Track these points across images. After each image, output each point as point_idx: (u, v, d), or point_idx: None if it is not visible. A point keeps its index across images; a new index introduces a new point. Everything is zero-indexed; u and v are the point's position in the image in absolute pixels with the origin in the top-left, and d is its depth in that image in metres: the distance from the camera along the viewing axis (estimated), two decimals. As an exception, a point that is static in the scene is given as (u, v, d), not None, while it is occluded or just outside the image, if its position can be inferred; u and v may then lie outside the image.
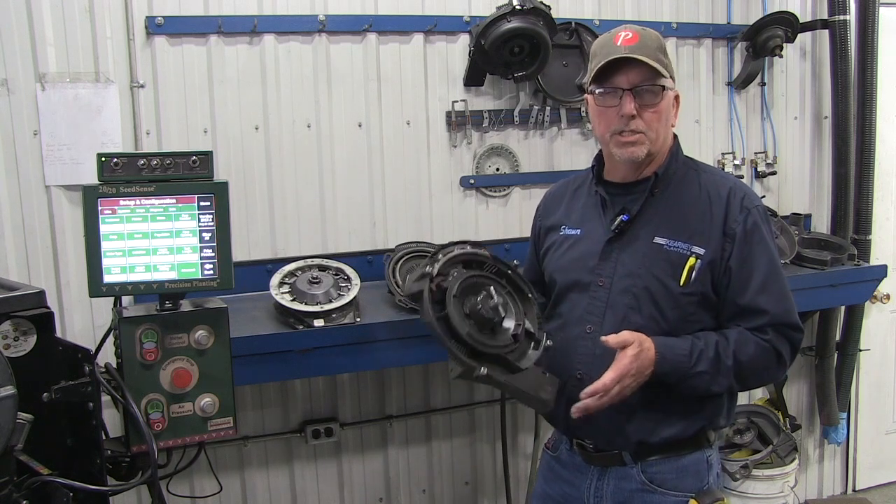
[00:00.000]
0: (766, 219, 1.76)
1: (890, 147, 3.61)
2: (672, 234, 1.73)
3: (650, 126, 1.73)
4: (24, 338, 1.50)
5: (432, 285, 1.62)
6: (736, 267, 1.71)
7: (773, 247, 1.75)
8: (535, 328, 1.70)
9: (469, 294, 1.64)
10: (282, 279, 2.41)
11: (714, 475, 1.80)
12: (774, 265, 1.73)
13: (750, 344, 1.69)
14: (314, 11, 2.66)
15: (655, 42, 1.74)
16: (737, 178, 1.91)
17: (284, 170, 2.69)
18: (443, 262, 1.67)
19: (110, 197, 1.63)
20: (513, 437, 3.11)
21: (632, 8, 3.12)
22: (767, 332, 1.70)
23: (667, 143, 1.80)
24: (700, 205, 1.75)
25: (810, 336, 3.59)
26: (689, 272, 1.70)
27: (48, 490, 1.45)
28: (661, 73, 1.70)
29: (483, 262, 1.73)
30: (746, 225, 1.71)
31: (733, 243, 1.71)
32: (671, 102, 1.76)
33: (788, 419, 3.33)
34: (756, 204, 1.75)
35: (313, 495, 2.87)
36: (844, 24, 3.20)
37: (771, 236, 1.76)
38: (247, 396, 2.71)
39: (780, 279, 1.74)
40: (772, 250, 1.74)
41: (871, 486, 3.86)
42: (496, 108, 2.94)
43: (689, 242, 1.71)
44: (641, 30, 1.75)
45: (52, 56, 2.38)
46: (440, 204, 2.91)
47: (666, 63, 1.73)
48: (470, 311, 1.61)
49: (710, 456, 1.79)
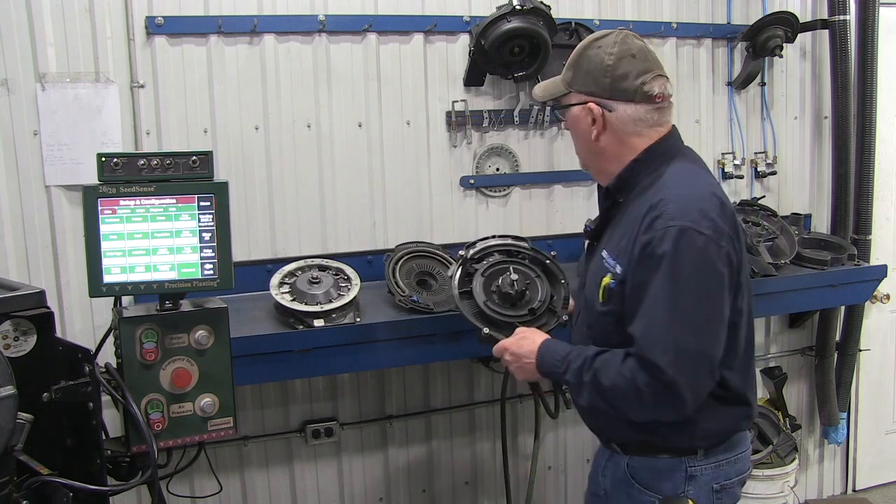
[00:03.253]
0: (680, 241, 1.51)
1: (890, 147, 3.61)
2: (611, 249, 1.68)
3: (573, 142, 1.82)
4: (24, 338, 1.50)
5: (466, 266, 2.03)
6: (629, 292, 1.59)
7: (677, 275, 1.50)
8: (559, 307, 2.01)
9: (498, 275, 1.99)
10: (282, 279, 2.41)
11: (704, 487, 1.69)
12: (666, 293, 1.51)
13: (613, 369, 1.56)
14: (314, 11, 2.66)
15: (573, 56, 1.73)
16: (682, 191, 1.59)
17: (284, 170, 2.69)
18: (478, 248, 2.08)
19: (110, 197, 1.63)
20: (513, 437, 3.11)
21: (632, 8, 3.12)
22: (631, 362, 1.54)
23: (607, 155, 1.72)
24: (631, 221, 1.64)
25: (810, 336, 3.60)
26: (604, 291, 1.65)
27: (48, 490, 1.45)
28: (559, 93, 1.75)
29: (521, 251, 2.10)
30: (645, 248, 1.55)
31: (632, 266, 1.58)
32: (576, 117, 1.72)
33: (788, 419, 3.33)
34: (671, 224, 1.52)
35: (313, 495, 2.88)
36: (844, 24, 3.20)
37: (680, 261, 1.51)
38: (247, 396, 2.71)
39: (662, 309, 1.51)
40: (670, 278, 1.50)
41: (871, 486, 3.86)
42: (496, 108, 2.94)
43: (616, 260, 1.64)
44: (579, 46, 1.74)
45: (52, 56, 2.38)
46: (440, 204, 2.91)
47: (567, 77, 1.72)
48: (495, 288, 1.98)
49: (694, 467, 1.68)
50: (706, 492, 1.69)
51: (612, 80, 1.65)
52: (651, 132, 1.69)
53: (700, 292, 1.52)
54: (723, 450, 1.71)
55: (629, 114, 1.67)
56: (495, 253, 2.08)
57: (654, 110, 1.68)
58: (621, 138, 1.69)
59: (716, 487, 1.70)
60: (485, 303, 1.95)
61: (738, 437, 1.76)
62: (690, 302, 1.51)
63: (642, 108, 1.67)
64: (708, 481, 1.69)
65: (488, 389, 3.06)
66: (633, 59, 1.65)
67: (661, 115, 1.70)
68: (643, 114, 1.67)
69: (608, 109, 1.67)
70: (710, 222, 1.53)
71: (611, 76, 1.65)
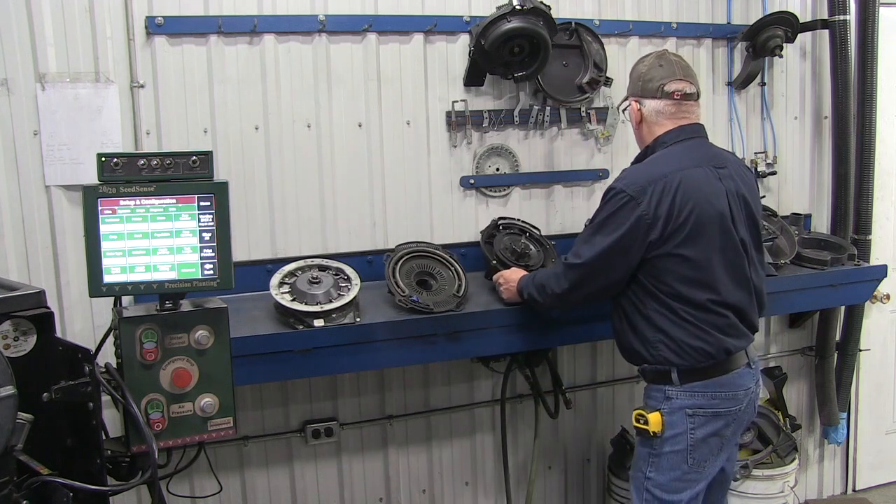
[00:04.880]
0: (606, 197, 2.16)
1: (890, 147, 3.61)
2: None
3: None
4: (24, 338, 1.51)
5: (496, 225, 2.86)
6: None
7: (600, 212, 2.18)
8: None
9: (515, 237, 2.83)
10: (282, 279, 2.41)
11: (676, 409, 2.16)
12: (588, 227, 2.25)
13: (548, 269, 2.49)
14: (314, 11, 2.66)
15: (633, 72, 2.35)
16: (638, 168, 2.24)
17: (284, 170, 2.69)
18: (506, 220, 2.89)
19: (110, 197, 1.63)
20: (513, 438, 3.11)
21: (632, 8, 3.12)
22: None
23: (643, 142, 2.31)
24: None
25: (810, 336, 3.60)
26: None
27: (48, 490, 1.45)
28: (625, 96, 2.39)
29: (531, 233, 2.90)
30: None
31: None
32: (630, 113, 2.35)
33: (788, 419, 3.32)
34: (612, 186, 2.16)
35: (313, 495, 2.88)
36: (844, 24, 3.20)
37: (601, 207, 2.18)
38: (247, 396, 2.71)
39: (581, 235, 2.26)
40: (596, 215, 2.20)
41: (871, 486, 3.86)
42: (496, 108, 2.94)
43: None
44: None
45: (52, 56, 2.38)
46: (440, 204, 2.91)
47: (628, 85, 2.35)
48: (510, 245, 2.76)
49: (671, 391, 2.17)
50: (681, 413, 2.16)
51: (643, 83, 2.27)
52: (669, 123, 2.24)
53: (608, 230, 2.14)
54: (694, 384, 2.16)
55: (653, 107, 2.25)
56: (517, 228, 2.88)
57: (671, 105, 2.23)
58: (650, 127, 2.27)
59: (689, 412, 2.16)
60: (501, 249, 2.72)
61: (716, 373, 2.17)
62: (596, 231, 2.17)
63: (662, 103, 2.23)
64: (682, 404, 2.16)
65: (488, 389, 3.06)
66: (660, 68, 2.25)
67: (679, 109, 2.24)
68: (662, 107, 2.24)
69: (641, 105, 2.28)
70: (635, 187, 2.11)
71: (642, 80, 2.27)
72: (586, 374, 3.24)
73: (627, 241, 2.11)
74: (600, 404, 3.28)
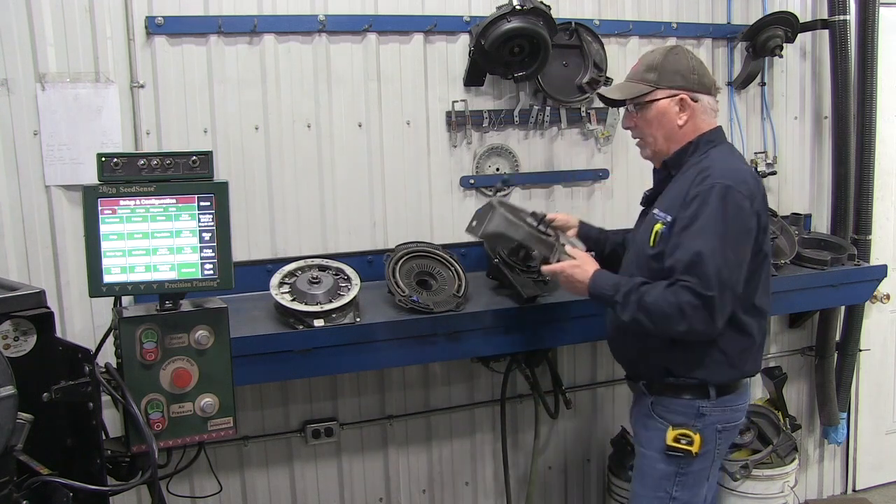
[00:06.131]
0: (723, 195, 1.91)
1: (890, 147, 3.61)
2: (662, 207, 2.09)
3: (644, 132, 2.16)
4: (24, 338, 1.50)
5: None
6: (673, 233, 1.98)
7: (714, 218, 1.90)
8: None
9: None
10: (282, 279, 2.41)
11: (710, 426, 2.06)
12: (703, 232, 1.90)
13: (659, 291, 1.94)
14: (314, 11, 2.66)
15: (646, 62, 2.14)
16: (728, 164, 2.04)
17: (284, 170, 2.69)
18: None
19: (110, 197, 1.63)
20: (513, 438, 3.11)
21: (632, 8, 3.12)
22: (675, 285, 1.92)
23: (676, 139, 2.12)
24: (685, 183, 2.03)
25: (810, 336, 3.60)
26: (656, 237, 2.05)
27: (48, 490, 1.45)
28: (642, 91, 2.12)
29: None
30: (695, 197, 1.95)
31: (681, 212, 1.97)
32: (664, 108, 2.11)
33: (788, 419, 3.32)
34: (717, 181, 1.93)
35: (313, 495, 2.88)
36: (844, 24, 3.20)
37: (723, 210, 1.91)
38: (247, 396, 2.71)
39: (697, 244, 1.90)
40: (709, 220, 1.91)
41: (871, 486, 3.86)
42: (496, 108, 2.94)
43: (667, 212, 2.04)
44: (646, 54, 2.19)
45: (52, 56, 2.38)
46: (440, 204, 2.91)
47: (651, 79, 2.11)
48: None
49: (705, 407, 2.05)
50: (712, 430, 2.07)
51: (699, 77, 2.12)
52: (712, 121, 2.15)
53: (738, 237, 1.94)
54: (728, 398, 2.08)
55: (707, 103, 2.13)
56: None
57: (716, 103, 2.17)
58: (696, 123, 2.12)
59: (719, 428, 2.08)
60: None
61: (743, 385, 2.14)
62: (731, 245, 1.91)
63: (713, 100, 2.15)
64: (715, 421, 2.07)
65: (488, 389, 3.06)
66: (703, 65, 2.15)
67: (718, 108, 2.19)
68: (713, 104, 2.16)
69: (694, 100, 2.11)
70: (746, 186, 1.96)
71: (697, 74, 2.12)
72: (586, 374, 3.24)
73: (753, 246, 1.98)
74: (600, 404, 3.28)
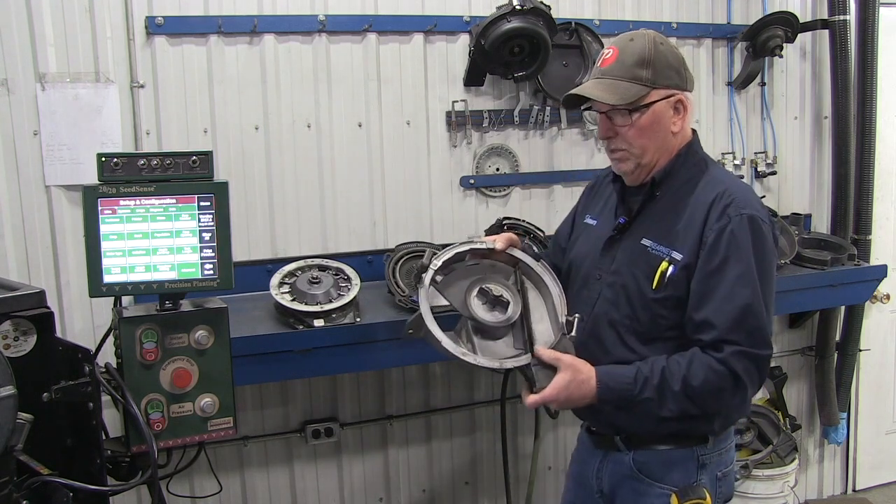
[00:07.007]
0: (754, 229, 1.63)
1: (890, 147, 3.61)
2: (658, 237, 1.73)
3: (632, 142, 1.73)
4: (24, 338, 1.50)
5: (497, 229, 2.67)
6: (699, 277, 1.65)
7: (751, 260, 1.62)
8: None
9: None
10: (282, 279, 2.41)
11: (710, 475, 1.76)
12: (744, 278, 1.61)
13: (702, 367, 1.61)
14: (314, 11, 2.66)
15: (635, 56, 1.69)
16: (738, 183, 1.77)
17: (284, 170, 2.69)
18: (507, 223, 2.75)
19: (110, 197, 1.63)
20: (513, 437, 3.11)
21: (632, 8, 3.12)
22: (722, 350, 1.61)
23: (667, 149, 1.76)
24: (690, 209, 1.70)
25: (810, 336, 3.60)
26: (661, 277, 1.69)
27: (48, 490, 1.45)
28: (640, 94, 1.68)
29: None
30: (722, 234, 1.63)
31: (705, 251, 1.65)
32: (660, 112, 1.71)
33: (788, 419, 3.33)
34: (743, 212, 1.64)
35: (313, 495, 2.87)
36: (844, 24, 3.20)
37: (756, 248, 1.63)
38: (247, 396, 2.71)
39: (744, 294, 1.61)
40: (747, 263, 1.62)
41: (871, 486, 3.86)
42: (496, 108, 2.94)
43: (671, 247, 1.69)
44: (626, 43, 1.72)
45: (52, 56, 2.38)
46: (440, 204, 2.91)
47: (645, 76, 1.68)
48: None
49: (704, 455, 1.74)
50: (711, 479, 1.76)
51: (687, 73, 1.76)
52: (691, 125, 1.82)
53: (771, 275, 1.66)
54: (724, 437, 1.79)
55: (692, 101, 1.78)
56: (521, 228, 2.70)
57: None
58: (686, 130, 1.78)
59: (719, 475, 1.78)
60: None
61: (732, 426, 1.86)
62: (767, 288, 1.64)
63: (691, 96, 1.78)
64: (714, 469, 1.76)
65: (488, 389, 3.06)
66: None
67: None
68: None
69: (688, 100, 1.76)
70: (763, 210, 1.69)
71: (685, 68, 1.75)
72: (586, 374, 3.24)
73: None
74: (600, 404, 3.28)
